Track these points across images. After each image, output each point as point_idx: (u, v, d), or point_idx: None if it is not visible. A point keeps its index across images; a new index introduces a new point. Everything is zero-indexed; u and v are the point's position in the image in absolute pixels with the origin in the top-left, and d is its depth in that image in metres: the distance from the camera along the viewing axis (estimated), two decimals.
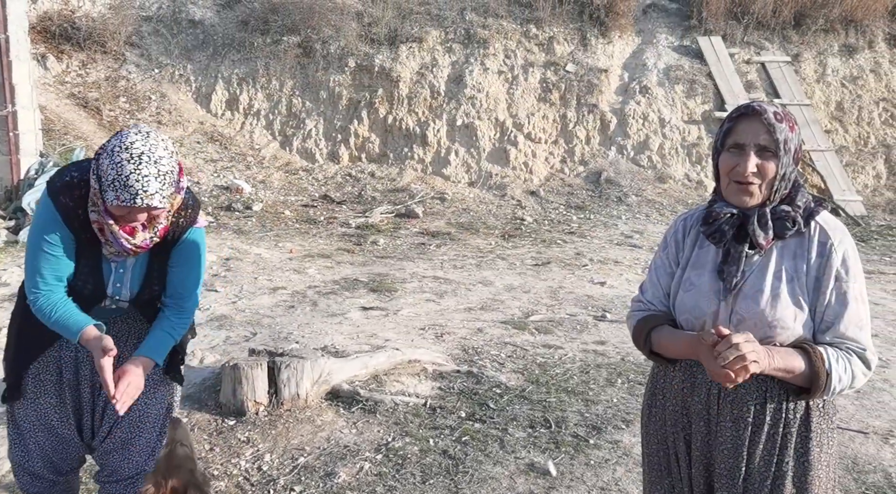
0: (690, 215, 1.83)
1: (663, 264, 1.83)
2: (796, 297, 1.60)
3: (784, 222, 1.62)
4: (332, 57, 11.21)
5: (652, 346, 1.76)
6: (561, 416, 3.64)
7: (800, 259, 1.63)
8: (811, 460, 1.63)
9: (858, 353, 1.59)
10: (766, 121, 1.59)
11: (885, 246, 8.71)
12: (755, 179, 1.61)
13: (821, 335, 1.61)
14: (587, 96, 11.25)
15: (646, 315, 1.82)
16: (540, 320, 5.33)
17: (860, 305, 1.60)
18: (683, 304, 1.73)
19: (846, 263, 1.60)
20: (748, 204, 1.64)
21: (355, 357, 4.02)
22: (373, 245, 7.93)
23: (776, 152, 1.59)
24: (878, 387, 4.05)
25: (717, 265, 1.70)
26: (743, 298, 1.64)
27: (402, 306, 5.57)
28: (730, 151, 1.64)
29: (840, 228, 1.65)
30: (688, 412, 1.75)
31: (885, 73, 11.76)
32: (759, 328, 1.60)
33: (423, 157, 10.93)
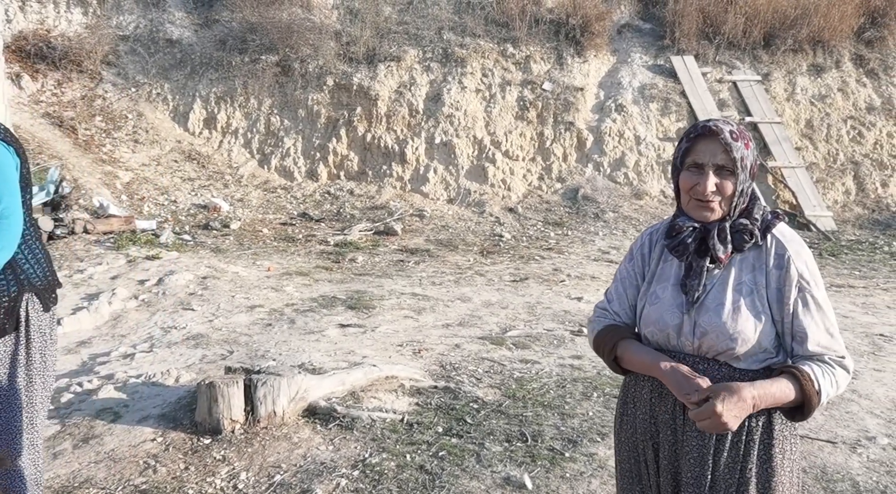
0: (656, 229, 1.88)
1: (629, 276, 1.88)
2: (756, 309, 1.65)
3: (742, 236, 1.68)
4: (310, 76, 11.26)
5: (617, 357, 1.80)
6: (537, 430, 3.66)
7: (758, 272, 1.68)
8: (774, 466, 1.67)
9: (839, 362, 1.63)
10: (724, 141, 1.64)
11: (855, 260, 8.90)
12: (715, 197, 1.67)
13: (798, 346, 1.64)
14: (564, 114, 11.41)
15: (611, 325, 1.86)
16: (517, 335, 5.36)
17: (826, 311, 1.65)
18: (649, 317, 1.78)
19: (806, 273, 1.65)
20: (709, 219, 1.70)
21: (332, 374, 4.01)
22: (351, 263, 7.94)
23: (734, 171, 1.65)
24: (846, 398, 4.12)
25: (680, 279, 1.75)
26: (705, 311, 1.68)
27: (380, 323, 5.58)
28: (689, 171, 1.70)
29: (796, 239, 1.71)
30: (656, 422, 1.79)
31: (851, 91, 12.08)
32: (720, 340, 1.65)
33: (401, 174, 10.98)
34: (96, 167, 9.59)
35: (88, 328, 5.27)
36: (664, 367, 1.67)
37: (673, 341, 1.73)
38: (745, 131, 1.71)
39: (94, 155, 9.84)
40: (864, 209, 10.95)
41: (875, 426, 3.76)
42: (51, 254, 7.01)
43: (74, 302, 5.69)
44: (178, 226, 8.83)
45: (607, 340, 1.83)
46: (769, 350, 1.66)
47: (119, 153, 10.12)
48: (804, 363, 1.61)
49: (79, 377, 4.14)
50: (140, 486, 3.03)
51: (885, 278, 7.88)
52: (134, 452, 3.28)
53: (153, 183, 9.87)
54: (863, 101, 12.03)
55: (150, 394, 3.84)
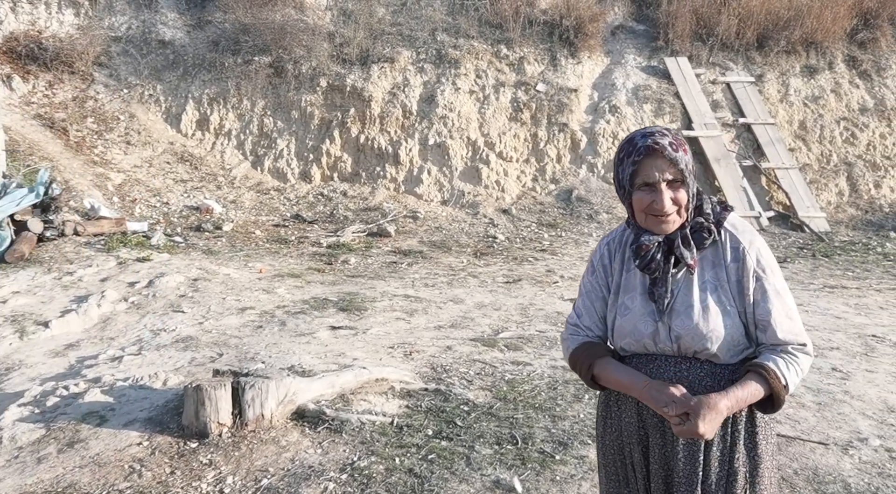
0: (613, 238, 1.89)
1: (595, 289, 1.88)
2: (723, 305, 1.69)
3: (701, 234, 1.72)
4: (303, 77, 11.23)
5: (594, 375, 1.81)
6: (528, 432, 3.64)
7: (718, 267, 1.72)
8: (760, 453, 1.73)
9: (801, 350, 1.69)
10: (669, 156, 1.67)
11: (848, 261, 8.90)
12: (672, 209, 1.70)
13: (761, 334, 1.69)
14: (558, 116, 11.40)
15: (586, 342, 1.86)
16: (509, 337, 5.34)
17: (785, 297, 1.70)
18: (622, 328, 1.79)
19: (761, 261, 1.70)
20: (669, 231, 1.73)
21: (322, 377, 3.98)
22: (344, 264, 7.90)
23: (683, 180, 1.69)
24: (839, 399, 4.11)
25: (647, 288, 1.77)
26: (676, 315, 1.71)
27: (372, 325, 5.54)
28: (641, 190, 1.71)
29: (748, 229, 1.76)
30: (644, 425, 1.79)
31: (844, 93, 12.11)
32: (696, 341, 1.69)
33: (395, 176, 10.96)
34: (88, 169, 9.53)
35: (77, 331, 5.22)
36: (641, 387, 1.70)
37: (651, 348, 1.75)
38: (679, 136, 1.74)
39: (85, 157, 9.78)
40: (857, 210, 10.96)
41: (867, 428, 3.75)
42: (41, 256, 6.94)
43: (63, 305, 5.65)
44: (169, 228, 8.78)
45: (583, 359, 1.83)
46: (742, 342, 1.71)
47: (111, 155, 10.06)
48: (768, 359, 1.65)
49: (65, 380, 4.09)
50: (125, 491, 3.00)
51: (878, 279, 7.88)
52: (119, 456, 3.24)
53: (145, 185, 9.81)
54: (856, 102, 12.06)
55: (138, 397, 3.80)
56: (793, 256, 9.20)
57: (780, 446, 3.51)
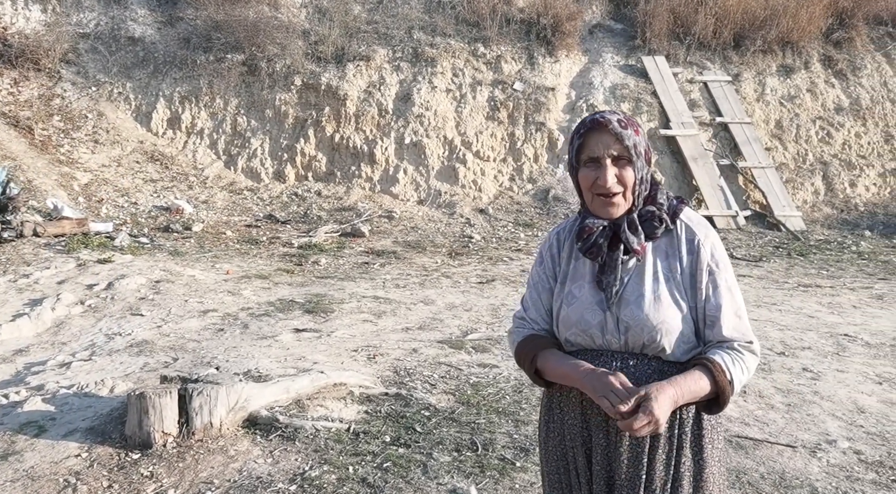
0: (563, 228, 1.82)
1: (541, 281, 1.80)
2: (675, 296, 1.62)
3: (652, 223, 1.65)
4: (277, 75, 11.05)
5: (538, 370, 1.72)
6: (489, 438, 3.51)
7: (672, 258, 1.65)
8: (705, 457, 1.65)
9: (747, 347, 1.61)
10: (614, 130, 1.61)
11: (823, 260, 8.88)
12: (617, 188, 1.63)
13: (708, 330, 1.62)
14: (535, 115, 11.31)
15: (530, 335, 1.78)
16: (478, 338, 5.21)
17: (735, 294, 1.63)
18: (568, 318, 1.70)
19: (715, 256, 1.64)
20: (615, 215, 1.66)
21: (277, 382, 3.83)
22: (314, 265, 7.74)
23: (630, 158, 1.62)
24: (808, 400, 4.03)
25: (596, 276, 1.69)
26: (626, 305, 1.63)
27: (337, 328, 5.39)
28: (587, 167, 1.66)
29: (703, 223, 1.71)
30: (588, 425, 1.71)
31: (820, 92, 12.13)
32: (645, 332, 1.61)
33: (370, 175, 10.81)
34: (53, 168, 9.29)
35: (28, 336, 5.02)
36: (581, 375, 1.59)
37: (598, 340, 1.66)
38: (633, 119, 1.69)
39: (50, 156, 9.54)
40: (832, 209, 10.97)
41: (836, 429, 3.66)
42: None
43: (16, 308, 5.44)
44: (136, 228, 8.57)
45: (527, 352, 1.74)
46: (692, 339, 1.64)
47: (77, 154, 9.82)
48: (714, 353, 1.59)
49: (6, 388, 3.91)
50: None
51: (852, 278, 7.85)
52: (55, 469, 3.07)
53: (113, 185, 9.59)
54: (831, 101, 12.08)
55: (81, 406, 3.63)
56: (769, 254, 9.16)
57: (747, 449, 3.41)
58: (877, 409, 3.93)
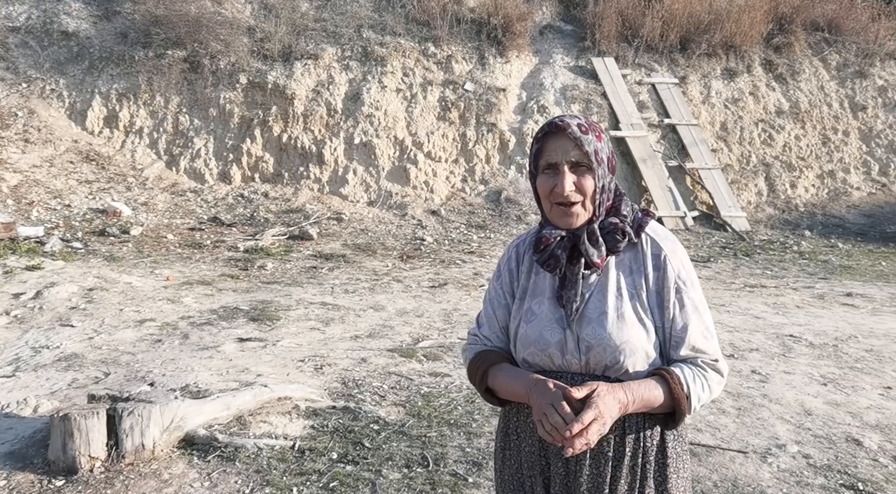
0: (523, 240, 1.71)
1: (497, 296, 1.69)
2: (639, 315, 1.52)
3: (614, 236, 1.54)
4: (221, 73, 10.70)
5: (488, 385, 1.62)
6: (440, 452, 3.39)
7: (637, 274, 1.55)
8: (670, 488, 1.57)
9: (711, 366, 1.53)
10: (573, 135, 1.50)
11: (767, 260, 9.08)
12: (576, 197, 1.51)
13: (673, 351, 1.53)
14: (486, 115, 11.26)
15: (482, 350, 1.67)
16: (429, 346, 5.09)
17: (703, 313, 1.54)
18: (527, 337, 1.59)
19: (682, 273, 1.54)
20: (575, 225, 1.54)
21: (216, 398, 3.63)
22: (260, 270, 7.49)
23: (590, 165, 1.51)
24: (758, 403, 4.04)
25: (556, 291, 1.58)
26: (587, 323, 1.52)
27: (283, 336, 5.19)
28: (545, 174, 1.55)
29: (670, 237, 1.60)
30: (546, 453, 1.61)
31: (762, 95, 12.44)
32: (608, 352, 1.50)
33: (319, 176, 10.57)
34: None
35: None
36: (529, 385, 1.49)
37: (557, 360, 1.55)
38: (596, 124, 1.58)
39: None
40: (774, 210, 11.26)
41: (785, 433, 3.68)
42: None
43: None
44: (69, 233, 8.14)
45: (477, 369, 1.64)
46: (657, 360, 1.53)
47: (6, 154, 9.29)
48: (675, 366, 1.51)
49: None
50: None
51: (795, 278, 8.04)
52: None
53: (45, 186, 9.10)
54: (772, 104, 12.40)
55: (1, 428, 3.36)
56: (716, 255, 9.32)
57: (700, 456, 3.38)
58: (823, 411, 3.98)
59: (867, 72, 13.00)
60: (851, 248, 9.95)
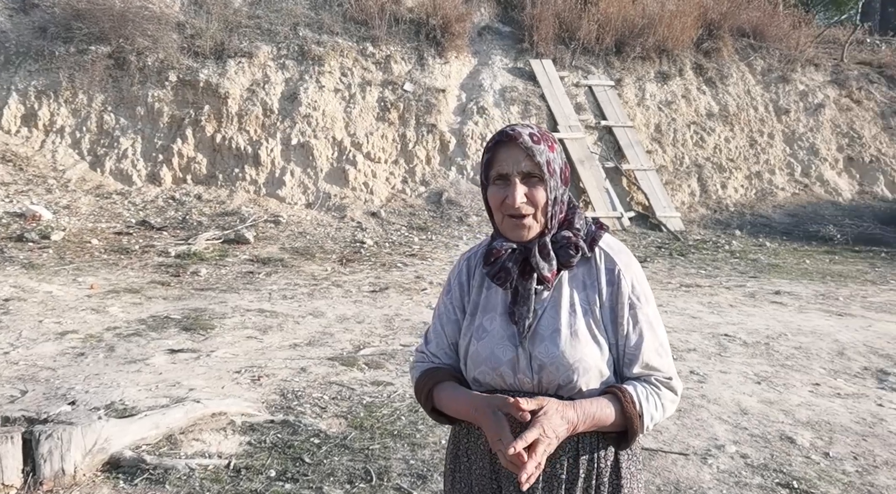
0: (475, 253, 1.64)
1: (447, 311, 1.62)
2: (593, 332, 1.47)
3: (567, 250, 1.49)
4: (149, 70, 10.25)
5: (434, 404, 1.55)
6: (384, 465, 3.30)
7: (591, 290, 1.50)
8: None
9: (665, 383, 1.49)
10: (524, 145, 1.45)
11: (701, 260, 9.35)
12: (527, 209, 1.46)
13: (626, 368, 1.49)
14: (426, 116, 11.18)
15: (429, 368, 1.60)
16: (371, 353, 4.98)
17: (657, 329, 1.51)
18: (478, 355, 1.52)
19: (636, 288, 1.50)
20: (527, 237, 1.49)
21: (144, 416, 3.42)
22: (193, 276, 7.19)
23: (542, 176, 1.46)
24: (696, 404, 4.11)
25: (508, 307, 1.52)
26: (540, 340, 1.47)
27: (218, 346, 4.98)
28: (496, 184, 1.49)
29: (624, 250, 1.56)
30: (497, 476, 1.55)
31: (694, 98, 12.83)
32: (560, 372, 1.45)
33: (255, 177, 10.27)
34: None
35: None
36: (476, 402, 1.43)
37: (509, 379, 1.49)
38: (549, 134, 1.52)
39: None
40: (707, 210, 11.62)
41: (723, 433, 3.74)
42: None
43: None
44: None
45: (423, 388, 1.57)
46: (611, 379, 1.48)
47: None
48: (628, 383, 1.47)
49: None
50: None
51: (727, 277, 8.30)
52: None
53: None
54: (703, 107, 12.80)
55: None
56: (652, 255, 9.53)
57: (643, 461, 3.40)
58: (758, 410, 4.08)
59: (789, 77, 13.58)
60: (778, 247, 10.36)
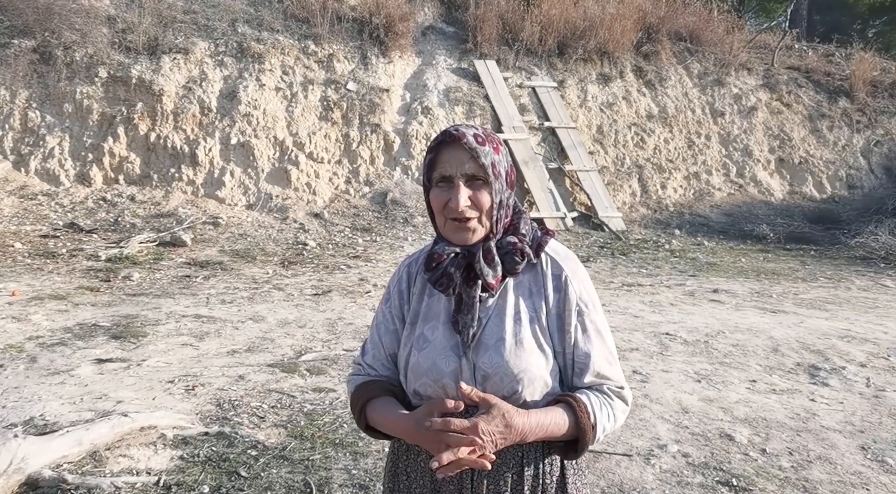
0: (415, 260, 1.58)
1: (385, 321, 1.55)
2: (539, 341, 1.42)
3: (513, 256, 1.43)
4: (77, 65, 9.79)
5: (368, 422, 1.49)
6: (325, 476, 3.19)
7: (537, 297, 1.45)
8: None
9: (617, 393, 1.46)
10: (468, 146, 1.38)
11: (642, 259, 9.52)
12: (471, 212, 1.40)
13: (577, 378, 1.43)
14: (370, 116, 11.05)
15: (363, 382, 1.53)
16: (313, 359, 4.84)
17: (605, 337, 1.47)
18: (419, 366, 1.45)
19: (584, 295, 1.46)
20: (471, 241, 1.42)
21: (66, 432, 3.21)
22: (125, 281, 6.88)
23: (486, 179, 1.40)
24: (639, 404, 4.14)
25: (452, 315, 1.45)
26: (484, 350, 1.41)
27: (150, 355, 4.76)
28: (439, 187, 1.42)
29: (571, 257, 1.51)
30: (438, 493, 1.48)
31: (634, 100, 13.08)
32: (505, 382, 1.39)
33: (193, 178, 9.93)
34: None
35: None
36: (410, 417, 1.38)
37: (451, 391, 1.41)
38: (494, 135, 1.46)
39: None
40: (647, 210, 11.86)
41: (666, 433, 3.78)
42: None
43: None
44: None
45: (356, 403, 1.49)
46: (556, 389, 1.43)
47: None
48: (581, 392, 1.43)
49: None
50: None
51: (668, 276, 8.47)
52: None
53: None
54: (643, 109, 13.07)
55: None
56: (595, 255, 9.65)
57: (588, 463, 3.39)
58: (698, 408, 4.13)
59: (724, 80, 14.01)
60: (715, 245, 10.66)
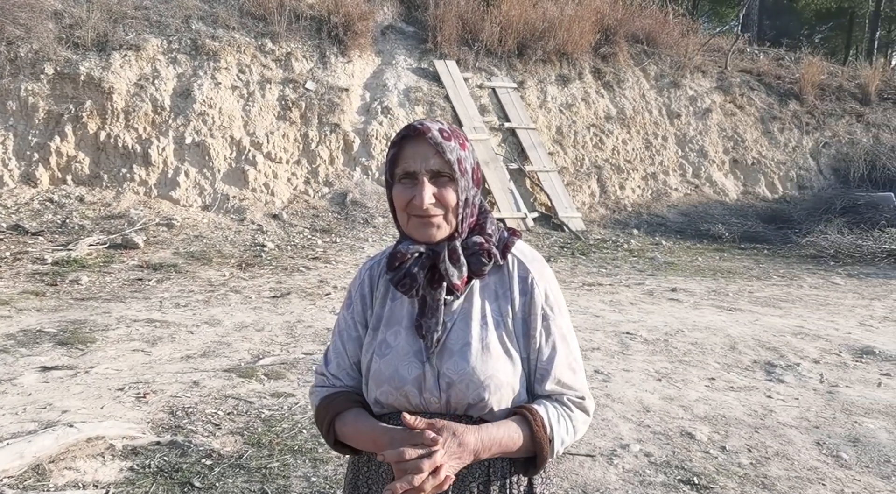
0: (377, 262, 1.50)
1: (348, 327, 1.47)
2: (506, 346, 1.36)
3: (479, 257, 1.37)
4: (22, 61, 9.41)
5: (337, 437, 1.40)
6: (283, 485, 3.09)
7: (503, 300, 1.39)
8: None
9: (578, 404, 1.39)
10: (433, 140, 1.32)
11: (602, 258, 9.60)
12: (436, 210, 1.33)
13: (538, 385, 1.38)
14: (329, 116, 10.90)
15: (329, 394, 1.44)
16: (271, 363, 4.72)
17: (570, 343, 1.41)
18: (380, 374, 1.38)
19: (550, 298, 1.40)
20: (436, 238, 1.35)
21: (6, 445, 3.05)
22: (73, 285, 6.62)
23: (452, 176, 1.34)
24: (602, 404, 4.15)
25: (415, 319, 1.38)
26: (449, 355, 1.34)
27: (99, 362, 4.57)
28: (402, 183, 1.35)
29: (538, 258, 1.46)
30: None
31: (593, 101, 13.21)
32: (470, 389, 1.32)
33: (145, 178, 9.64)
34: None
35: None
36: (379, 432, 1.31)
37: (414, 400, 1.35)
38: (460, 131, 1.41)
39: None
40: (606, 210, 11.99)
41: (628, 432, 3.78)
42: None
43: None
44: None
45: (324, 419, 1.41)
46: (523, 396, 1.37)
47: None
48: (539, 403, 1.36)
49: None
50: None
51: (627, 275, 8.56)
52: None
53: None
54: (602, 110, 13.21)
55: None
56: (555, 254, 9.70)
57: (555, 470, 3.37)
58: (659, 407, 4.16)
59: (680, 82, 14.26)
60: (673, 245, 10.83)
